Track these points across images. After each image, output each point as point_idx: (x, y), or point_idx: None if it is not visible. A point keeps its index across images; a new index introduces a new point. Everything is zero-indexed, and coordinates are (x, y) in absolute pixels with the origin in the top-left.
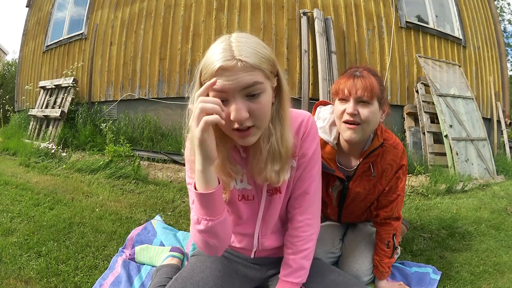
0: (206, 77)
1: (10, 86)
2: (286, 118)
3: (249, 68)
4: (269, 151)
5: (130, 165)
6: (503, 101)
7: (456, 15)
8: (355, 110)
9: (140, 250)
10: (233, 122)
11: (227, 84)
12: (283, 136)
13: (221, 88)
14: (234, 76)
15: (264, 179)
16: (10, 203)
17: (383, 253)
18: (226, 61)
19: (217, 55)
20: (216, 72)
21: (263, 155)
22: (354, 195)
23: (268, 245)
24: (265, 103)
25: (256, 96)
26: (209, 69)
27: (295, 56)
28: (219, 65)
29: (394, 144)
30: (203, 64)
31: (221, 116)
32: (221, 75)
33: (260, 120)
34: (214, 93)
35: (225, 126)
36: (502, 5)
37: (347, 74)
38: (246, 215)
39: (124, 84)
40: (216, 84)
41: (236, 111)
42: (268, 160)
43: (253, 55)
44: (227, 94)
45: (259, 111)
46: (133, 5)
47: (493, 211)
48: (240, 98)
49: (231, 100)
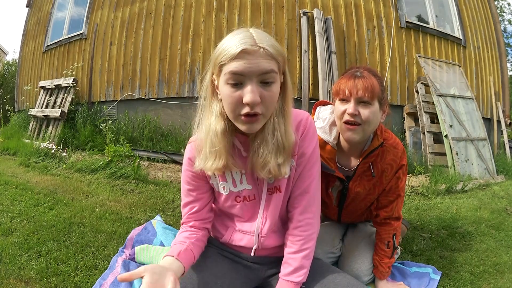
0: (225, 59)
1: (10, 86)
2: (289, 114)
3: (268, 57)
4: (274, 144)
5: (130, 165)
6: (503, 101)
7: (456, 15)
8: (356, 110)
9: (140, 250)
10: (243, 107)
11: (247, 66)
12: (286, 131)
13: (241, 71)
14: (255, 60)
15: (267, 172)
16: (10, 203)
17: (383, 253)
18: (250, 45)
19: (239, 40)
20: (238, 54)
21: (269, 147)
22: (354, 195)
23: (268, 244)
24: (275, 92)
25: (269, 84)
26: (230, 51)
27: (295, 56)
28: (242, 48)
29: (394, 144)
30: (221, 48)
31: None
32: (242, 58)
33: (268, 108)
34: (230, 75)
35: (233, 111)
36: (502, 5)
37: (348, 74)
38: (247, 214)
39: (124, 84)
40: (236, 67)
41: (252, 93)
42: (273, 152)
43: (272, 46)
44: (244, 77)
45: (270, 99)
46: (133, 5)
47: (493, 211)
48: (255, 83)
49: (247, 83)
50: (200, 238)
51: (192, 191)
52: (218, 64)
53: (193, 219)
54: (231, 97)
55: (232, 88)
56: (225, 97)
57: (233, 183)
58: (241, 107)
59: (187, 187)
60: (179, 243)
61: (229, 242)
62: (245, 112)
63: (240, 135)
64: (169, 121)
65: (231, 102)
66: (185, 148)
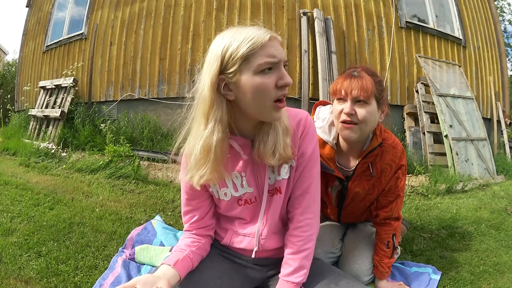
0: (255, 47)
1: (10, 86)
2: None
3: (281, 46)
4: (282, 126)
5: (130, 165)
6: (503, 101)
7: (456, 15)
8: (352, 110)
9: (140, 250)
10: (278, 91)
11: (279, 52)
12: (285, 114)
13: (278, 57)
14: (280, 47)
15: (278, 158)
16: (10, 203)
17: (382, 253)
18: (273, 34)
19: (258, 29)
20: (268, 42)
21: (278, 130)
22: (353, 195)
23: (269, 246)
24: None
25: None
26: (260, 40)
27: (295, 56)
28: (271, 34)
29: (393, 144)
30: (236, 41)
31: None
32: (271, 46)
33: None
34: (266, 62)
35: (268, 99)
36: (502, 5)
37: (345, 74)
38: (249, 217)
39: (124, 84)
40: (273, 53)
41: (287, 76)
42: (281, 135)
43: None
44: (277, 63)
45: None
46: (133, 5)
47: (493, 211)
48: (283, 66)
49: (280, 68)
50: (201, 247)
51: (191, 200)
52: (243, 57)
53: (195, 227)
54: (267, 83)
55: (264, 75)
56: (258, 87)
57: (234, 188)
58: (276, 91)
59: (186, 196)
60: (179, 251)
61: (229, 245)
62: (282, 94)
63: (239, 138)
64: (169, 121)
65: (266, 88)
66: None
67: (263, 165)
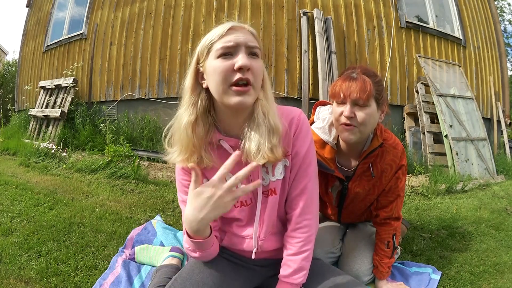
0: (215, 38)
1: (10, 86)
2: (272, 99)
3: (253, 36)
4: (267, 125)
5: (130, 165)
6: (503, 101)
7: (456, 15)
8: (352, 113)
9: (140, 250)
10: (234, 74)
11: (238, 37)
12: (275, 113)
13: (233, 41)
14: (243, 35)
15: (262, 157)
16: (10, 203)
17: (383, 253)
18: (236, 24)
19: (226, 23)
20: (227, 31)
21: (262, 129)
22: (354, 195)
23: (268, 247)
24: (262, 66)
25: (256, 57)
26: (219, 30)
27: (295, 56)
28: (231, 25)
29: (394, 144)
30: (209, 34)
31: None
32: (231, 34)
33: (256, 79)
34: (221, 48)
35: (224, 81)
36: (502, 5)
37: (344, 76)
38: (246, 219)
39: (124, 84)
40: (228, 39)
41: (243, 58)
42: (266, 135)
43: (254, 32)
44: (235, 48)
45: (258, 70)
46: (133, 5)
47: (493, 211)
48: (245, 53)
49: (238, 52)
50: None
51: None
52: (208, 45)
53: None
54: (222, 66)
55: (223, 59)
56: (215, 69)
57: None
58: (233, 75)
59: (184, 197)
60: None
61: (229, 246)
62: (237, 78)
63: (229, 138)
64: (169, 121)
65: (221, 71)
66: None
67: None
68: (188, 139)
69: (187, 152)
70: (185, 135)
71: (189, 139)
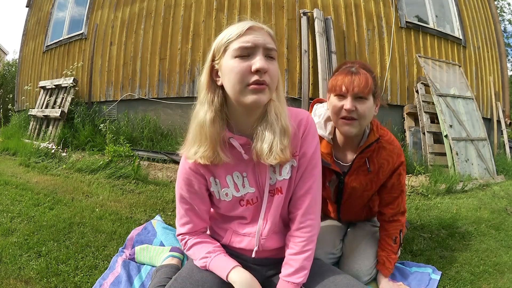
0: (233, 37)
1: (10, 86)
2: (284, 101)
3: (270, 37)
4: (279, 127)
5: (130, 165)
6: (503, 101)
7: (456, 15)
8: (353, 106)
9: (140, 250)
10: (251, 76)
11: (256, 39)
12: (286, 115)
13: (251, 42)
14: (261, 36)
15: (273, 158)
16: (10, 203)
17: (390, 248)
18: (255, 24)
19: (244, 22)
20: (246, 31)
21: (275, 130)
22: (351, 190)
23: (269, 246)
24: (277, 69)
25: (272, 60)
26: (238, 29)
27: (295, 56)
28: (250, 25)
29: (390, 140)
30: (225, 32)
31: None
32: (249, 34)
33: (272, 80)
34: (239, 49)
35: (241, 81)
36: (502, 5)
37: (344, 70)
38: (250, 217)
39: (124, 84)
40: (246, 40)
41: (261, 60)
42: (278, 136)
43: (271, 33)
44: (253, 49)
45: (274, 72)
46: (133, 5)
47: (493, 211)
48: (262, 55)
49: (256, 54)
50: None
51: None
52: (225, 44)
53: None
54: (239, 67)
55: (240, 59)
56: (232, 69)
57: (235, 188)
58: (250, 76)
59: (185, 207)
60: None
61: (229, 244)
62: (255, 80)
63: (240, 136)
64: (169, 121)
65: (239, 71)
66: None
67: (264, 165)
68: (207, 135)
69: (204, 148)
70: (204, 131)
71: (210, 135)
